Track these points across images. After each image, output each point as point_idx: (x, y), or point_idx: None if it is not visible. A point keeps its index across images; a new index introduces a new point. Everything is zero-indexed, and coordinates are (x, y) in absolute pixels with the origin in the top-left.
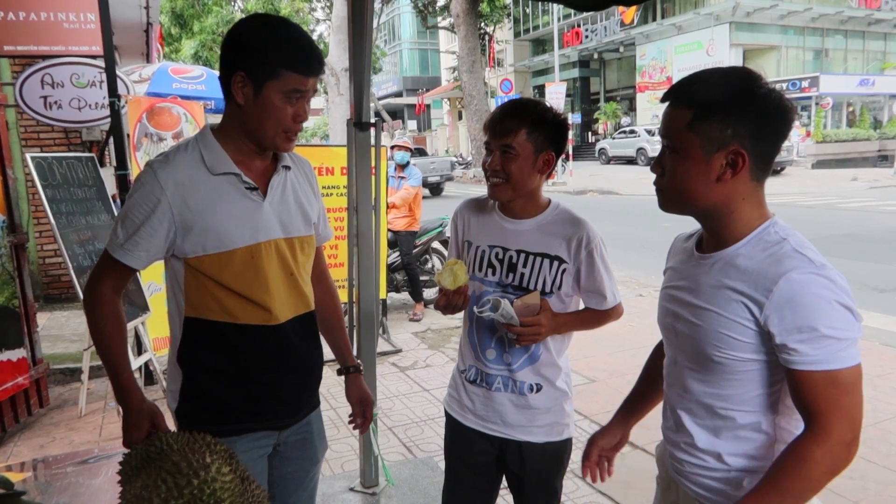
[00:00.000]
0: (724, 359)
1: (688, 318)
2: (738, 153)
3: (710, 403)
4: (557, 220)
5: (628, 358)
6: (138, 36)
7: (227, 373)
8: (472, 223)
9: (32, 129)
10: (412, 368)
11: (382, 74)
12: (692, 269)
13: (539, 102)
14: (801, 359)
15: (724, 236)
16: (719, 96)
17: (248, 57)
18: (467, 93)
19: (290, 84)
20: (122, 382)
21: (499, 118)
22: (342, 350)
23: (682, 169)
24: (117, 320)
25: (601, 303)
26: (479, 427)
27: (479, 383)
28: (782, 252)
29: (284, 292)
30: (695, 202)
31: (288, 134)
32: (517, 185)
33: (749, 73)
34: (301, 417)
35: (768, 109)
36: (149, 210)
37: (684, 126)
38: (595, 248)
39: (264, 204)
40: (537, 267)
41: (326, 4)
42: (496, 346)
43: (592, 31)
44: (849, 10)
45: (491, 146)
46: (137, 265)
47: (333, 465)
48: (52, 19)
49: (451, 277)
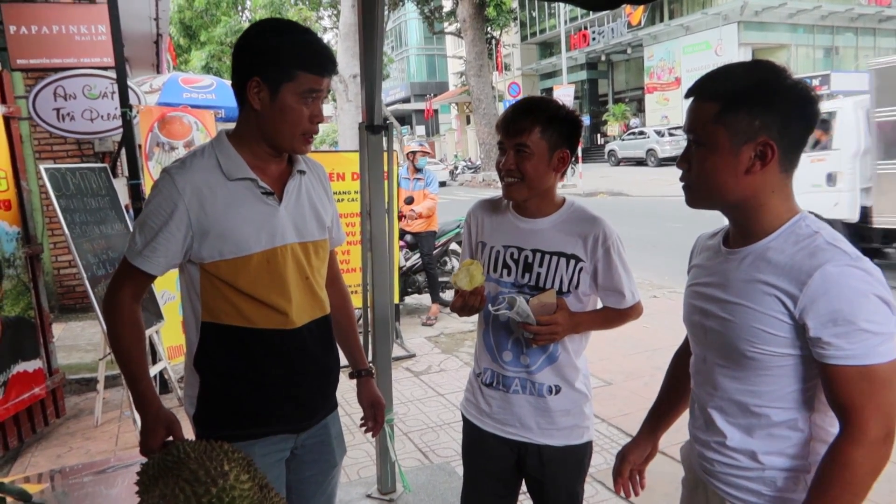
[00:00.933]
0: (758, 354)
1: (718, 313)
2: (767, 144)
3: (743, 401)
4: (573, 218)
5: (644, 360)
6: (149, 47)
7: (245, 377)
8: (486, 224)
9: (46, 141)
10: (426, 373)
11: (390, 80)
12: (720, 264)
13: (551, 100)
14: (836, 353)
15: (754, 230)
16: (746, 88)
17: (263, 62)
18: (475, 97)
19: (306, 85)
20: (140, 389)
21: (511, 117)
22: (354, 354)
23: (710, 162)
24: (137, 328)
25: (620, 301)
26: (498, 431)
27: (497, 386)
28: (815, 245)
29: (300, 296)
30: (724, 195)
31: (306, 136)
32: (533, 184)
33: (774, 65)
34: (318, 420)
35: (795, 100)
36: (166, 215)
37: (711, 119)
38: (612, 245)
39: (280, 208)
40: (554, 266)
41: (334, 13)
42: (513, 348)
43: (599, 33)
44: (859, 8)
45: (504, 145)
46: (156, 271)
47: (350, 471)
48: (64, 32)
49: (467, 278)
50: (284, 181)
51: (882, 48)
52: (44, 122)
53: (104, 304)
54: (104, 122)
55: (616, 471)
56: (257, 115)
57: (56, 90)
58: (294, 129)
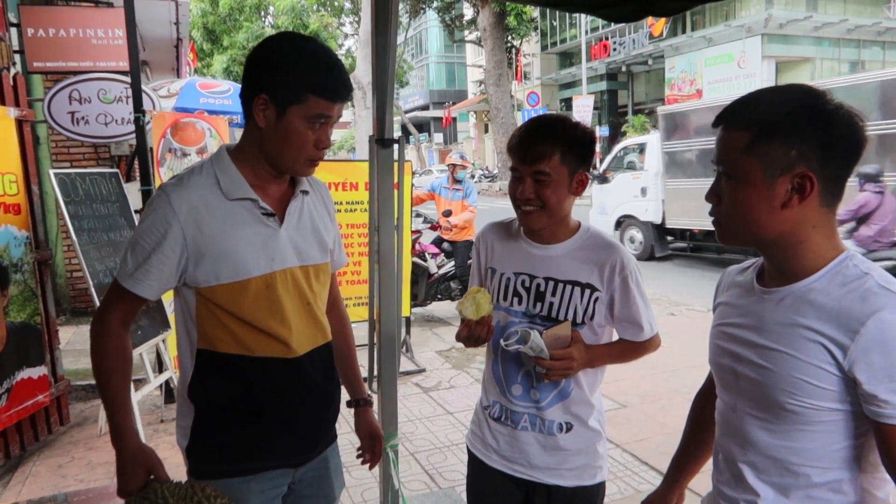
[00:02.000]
0: (799, 407)
1: (753, 359)
2: (806, 176)
3: (780, 457)
4: (588, 245)
5: (661, 382)
6: (169, 51)
7: (242, 408)
8: (497, 248)
9: (63, 144)
10: (436, 389)
11: (409, 88)
12: (754, 304)
13: (565, 119)
14: (892, 412)
15: (793, 269)
16: (780, 115)
17: (273, 79)
18: (494, 106)
19: (315, 109)
20: (118, 422)
21: (527, 142)
22: (353, 382)
23: (742, 196)
24: (121, 356)
25: (637, 334)
26: (504, 468)
27: (504, 421)
28: (866, 288)
29: (302, 323)
30: (758, 232)
31: (311, 161)
32: (553, 212)
33: (812, 89)
34: (318, 453)
35: (837, 127)
36: (160, 236)
37: (742, 149)
38: (630, 274)
39: (281, 231)
40: (567, 295)
41: (355, 20)
42: (523, 382)
43: (620, 43)
44: (886, 21)
45: (520, 172)
46: (149, 295)
47: (353, 493)
48: (81, 35)
49: (473, 307)
50: (286, 202)
51: None
52: (58, 125)
53: (91, 326)
54: (118, 126)
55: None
56: (261, 133)
57: (71, 94)
58: (298, 154)
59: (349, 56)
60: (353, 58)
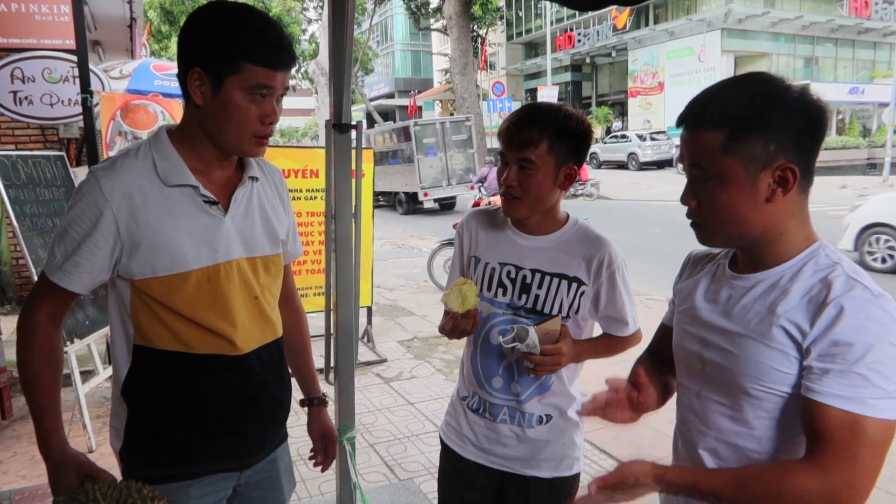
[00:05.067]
0: (763, 393)
1: (720, 344)
2: (787, 168)
3: (741, 445)
4: (577, 238)
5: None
6: (122, 31)
7: (180, 409)
8: (481, 237)
9: (7, 125)
10: (397, 380)
11: (374, 76)
12: (724, 289)
13: (561, 107)
14: (823, 388)
15: (768, 259)
16: (752, 109)
17: (205, 49)
18: (459, 95)
19: (253, 78)
20: (45, 427)
21: (516, 127)
22: (306, 379)
23: (726, 197)
24: (51, 355)
25: (622, 329)
26: (480, 459)
27: (483, 413)
28: (834, 276)
29: (248, 319)
30: (745, 230)
31: (257, 138)
32: (535, 203)
33: (771, 77)
34: (266, 454)
35: (807, 113)
36: (90, 225)
37: (718, 149)
38: (617, 269)
39: (225, 220)
40: (554, 288)
41: (319, 4)
42: (504, 375)
43: (585, 35)
44: (839, 19)
45: (507, 158)
46: (79, 289)
47: (310, 486)
48: (24, 11)
49: (459, 299)
50: (232, 188)
51: (861, 59)
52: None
53: (18, 322)
54: (65, 107)
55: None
56: (199, 111)
57: (13, 72)
58: (240, 130)
59: (312, 42)
60: (316, 43)
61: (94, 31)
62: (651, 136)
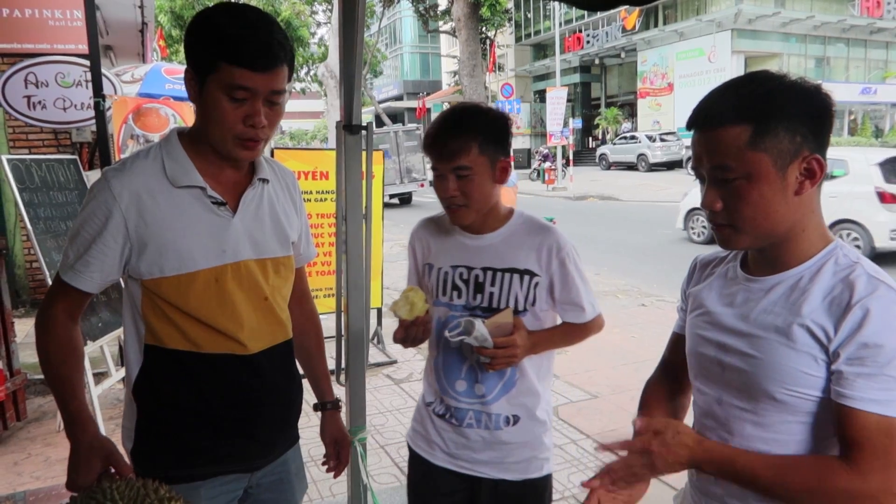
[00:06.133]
0: (789, 397)
1: (741, 348)
2: (813, 158)
3: (765, 450)
4: (523, 230)
5: (632, 372)
6: (133, 36)
7: (190, 409)
8: (432, 244)
9: (21, 129)
10: (407, 381)
11: (383, 78)
12: (740, 292)
13: (477, 107)
14: (856, 393)
15: (786, 258)
16: (775, 101)
17: (190, 48)
18: (468, 97)
19: (231, 78)
20: (72, 411)
21: (443, 138)
22: (320, 383)
23: (757, 194)
24: (69, 347)
25: (580, 315)
26: (449, 464)
27: (449, 419)
28: (855, 276)
29: (257, 320)
30: (775, 226)
31: (242, 140)
32: (481, 206)
33: (778, 73)
34: (276, 456)
35: (821, 104)
36: (100, 225)
37: (745, 146)
38: (567, 255)
39: (234, 220)
40: (507, 284)
41: (328, 7)
42: (467, 377)
43: (594, 36)
44: (851, 19)
45: (441, 171)
46: (90, 288)
47: (321, 486)
48: (37, 16)
49: (407, 307)
50: (242, 190)
51: (872, 59)
52: (13, 109)
53: (36, 321)
54: (77, 111)
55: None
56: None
57: (27, 77)
58: (223, 132)
59: (322, 45)
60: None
61: (107, 36)
62: (661, 138)
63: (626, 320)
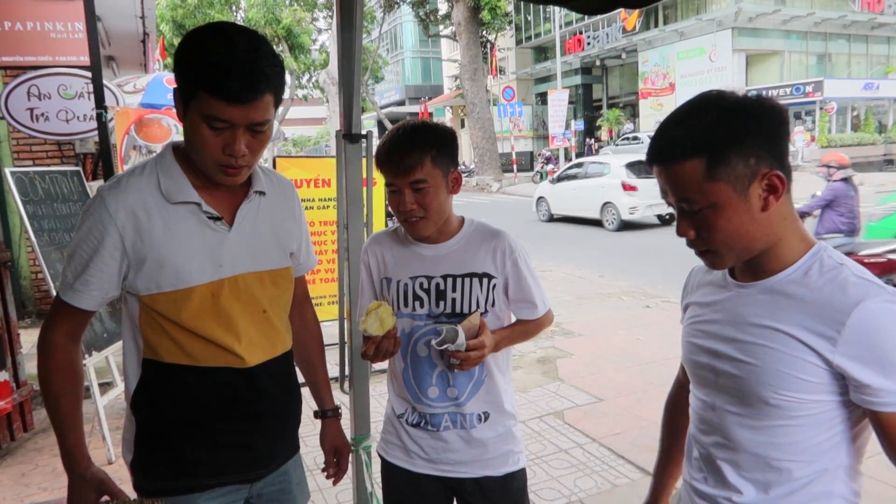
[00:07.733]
0: (784, 401)
1: (733, 355)
2: (773, 174)
3: (763, 454)
4: (478, 236)
5: (637, 374)
6: (135, 46)
7: (188, 421)
8: (388, 258)
9: (24, 141)
10: None
11: (385, 83)
12: (729, 299)
13: (424, 123)
14: (888, 399)
15: (769, 265)
16: (722, 129)
17: (175, 69)
18: (469, 101)
19: (207, 108)
20: (68, 445)
21: (398, 156)
22: (320, 391)
23: (723, 220)
24: (71, 374)
25: (532, 312)
26: (430, 470)
27: (424, 426)
28: (843, 278)
29: (256, 333)
30: (751, 244)
31: (224, 168)
32: (438, 217)
33: (720, 94)
34: (276, 466)
35: (770, 117)
36: (97, 243)
37: (702, 179)
38: (519, 256)
39: (230, 234)
40: (468, 288)
41: (329, 14)
42: (439, 383)
43: (594, 37)
44: (851, 15)
45: (397, 186)
46: (91, 306)
47: (327, 495)
48: (39, 29)
49: (377, 322)
50: (238, 203)
51: (874, 55)
52: (16, 122)
53: (38, 343)
54: (80, 123)
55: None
56: None
57: (30, 89)
58: (204, 157)
59: (323, 52)
60: (326, 53)
61: (108, 47)
62: None
63: (631, 322)
